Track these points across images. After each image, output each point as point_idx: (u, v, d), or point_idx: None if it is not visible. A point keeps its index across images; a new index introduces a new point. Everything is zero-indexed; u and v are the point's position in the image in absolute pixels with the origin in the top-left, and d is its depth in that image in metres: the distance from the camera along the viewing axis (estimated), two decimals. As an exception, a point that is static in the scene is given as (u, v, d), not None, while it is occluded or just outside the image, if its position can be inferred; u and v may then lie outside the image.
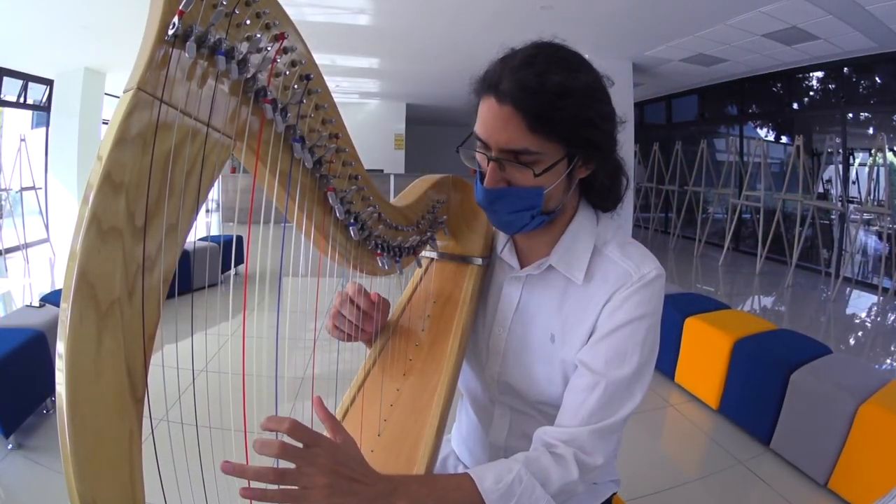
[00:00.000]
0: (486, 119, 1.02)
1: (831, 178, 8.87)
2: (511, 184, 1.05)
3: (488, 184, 1.05)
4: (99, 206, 0.59)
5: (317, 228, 0.98)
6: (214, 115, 0.72)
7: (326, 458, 0.79)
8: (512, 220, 1.10)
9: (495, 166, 1.03)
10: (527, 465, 1.00)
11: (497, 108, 0.99)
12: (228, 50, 0.72)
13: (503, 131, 1.00)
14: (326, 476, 0.78)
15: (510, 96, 0.97)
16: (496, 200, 1.07)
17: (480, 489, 0.95)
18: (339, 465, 0.80)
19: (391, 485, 0.87)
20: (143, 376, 0.63)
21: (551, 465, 1.03)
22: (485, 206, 1.10)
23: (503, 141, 1.00)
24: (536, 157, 1.01)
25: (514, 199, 1.06)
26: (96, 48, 8.49)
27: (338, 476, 0.79)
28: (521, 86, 0.97)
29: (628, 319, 1.08)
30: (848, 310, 7.28)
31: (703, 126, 11.94)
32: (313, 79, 0.88)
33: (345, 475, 0.80)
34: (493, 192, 1.05)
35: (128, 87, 0.62)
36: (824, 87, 9.11)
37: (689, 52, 8.45)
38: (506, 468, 0.99)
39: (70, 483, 0.57)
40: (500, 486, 0.96)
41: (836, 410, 2.94)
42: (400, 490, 0.88)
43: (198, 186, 0.69)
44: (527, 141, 0.99)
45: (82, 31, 7.56)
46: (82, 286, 0.58)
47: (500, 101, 0.99)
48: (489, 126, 1.02)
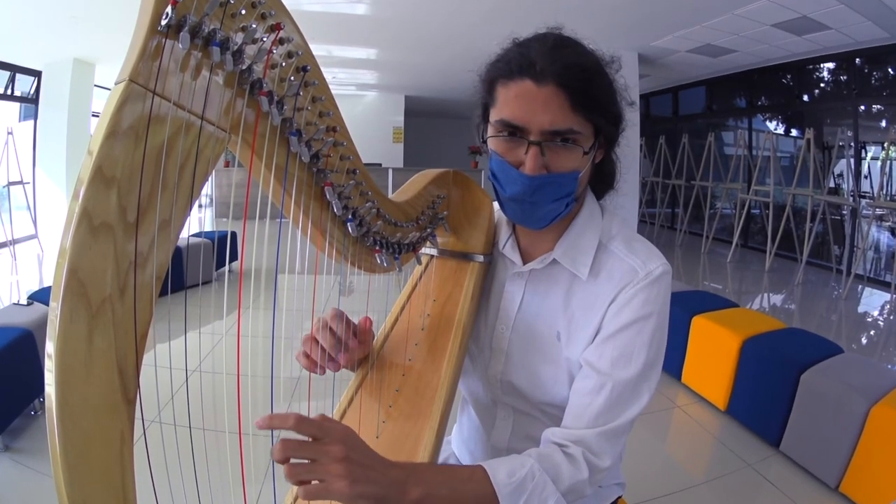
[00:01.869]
0: (523, 102, 1.01)
1: (843, 173, 8.87)
2: (550, 170, 1.04)
3: (531, 171, 1.03)
4: (90, 201, 0.59)
5: (313, 224, 0.97)
6: (208, 107, 0.72)
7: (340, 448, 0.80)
8: (550, 210, 1.09)
9: (537, 151, 1.02)
10: (539, 461, 1.01)
11: (535, 89, 0.99)
12: (223, 41, 0.71)
13: (546, 112, 0.99)
14: (342, 465, 0.79)
15: (552, 75, 0.98)
16: (538, 189, 1.05)
17: (493, 482, 0.96)
18: (351, 451, 0.81)
19: (404, 472, 0.88)
20: (134, 376, 0.63)
21: (563, 462, 1.03)
22: (523, 199, 1.07)
23: (547, 122, 1.00)
24: (579, 136, 1.02)
25: (556, 185, 1.05)
26: (86, 38, 8.48)
27: (352, 463, 0.80)
28: (565, 64, 0.98)
29: (634, 318, 1.08)
30: (860, 308, 7.28)
31: (711, 119, 11.95)
32: (310, 70, 0.87)
33: (358, 462, 0.81)
34: (535, 181, 1.04)
35: (119, 79, 0.62)
36: (836, 79, 9.09)
37: (697, 42, 8.44)
38: (519, 463, 1.00)
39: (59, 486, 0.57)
40: (512, 481, 0.97)
41: (847, 411, 2.93)
42: (414, 478, 0.89)
43: (191, 181, 0.69)
44: (571, 120, 1.00)
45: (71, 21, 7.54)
46: (72, 284, 0.58)
47: (538, 82, 0.99)
48: (527, 108, 1.01)
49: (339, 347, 1.15)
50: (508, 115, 1.03)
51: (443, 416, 1.11)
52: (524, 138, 1.03)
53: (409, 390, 1.18)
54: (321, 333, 1.15)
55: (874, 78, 8.37)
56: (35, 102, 9.92)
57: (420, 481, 0.89)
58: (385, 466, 0.86)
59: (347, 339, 1.17)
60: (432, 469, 0.98)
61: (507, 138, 1.05)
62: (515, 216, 1.15)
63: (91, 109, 10.33)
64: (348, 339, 1.17)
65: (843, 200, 8.50)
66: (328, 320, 1.16)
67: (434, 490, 0.90)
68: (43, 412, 3.41)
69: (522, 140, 1.03)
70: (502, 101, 1.05)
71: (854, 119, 8.61)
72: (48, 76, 9.82)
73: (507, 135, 1.05)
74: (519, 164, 1.05)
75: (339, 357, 1.15)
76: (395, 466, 0.88)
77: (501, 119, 1.05)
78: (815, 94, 9.54)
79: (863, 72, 8.42)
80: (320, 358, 1.14)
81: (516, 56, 1.03)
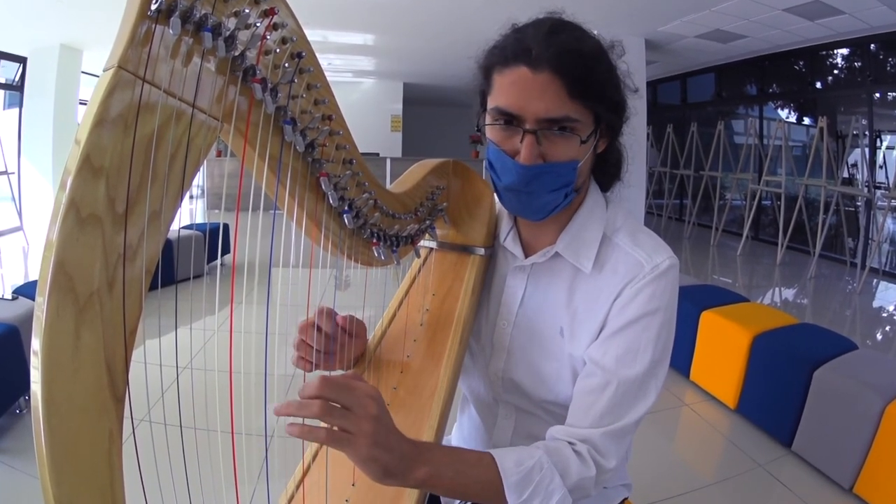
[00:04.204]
0: (518, 89, 1.01)
1: (857, 163, 8.84)
2: (547, 159, 1.04)
3: (527, 160, 1.03)
4: (77, 191, 0.58)
5: (308, 216, 0.97)
6: (200, 95, 0.71)
7: (375, 406, 0.82)
8: (548, 201, 1.09)
9: (532, 140, 1.02)
10: (548, 454, 1.02)
11: (531, 76, 0.99)
12: (215, 26, 0.71)
13: (541, 100, 0.99)
14: (372, 423, 0.81)
15: (548, 61, 0.97)
16: (534, 179, 1.05)
17: (500, 468, 0.97)
18: (382, 412, 0.83)
19: (416, 449, 0.90)
20: (123, 373, 0.62)
21: (572, 457, 1.04)
22: (520, 188, 1.07)
23: (542, 110, 1.00)
24: (577, 124, 1.02)
25: (552, 175, 1.05)
26: (73, 23, 8.45)
27: (381, 424, 0.83)
28: (561, 49, 0.98)
29: (640, 314, 1.08)
30: (875, 303, 7.29)
31: (721, 107, 11.92)
32: (305, 57, 0.87)
33: (386, 425, 0.84)
34: (531, 170, 1.04)
35: (108, 66, 0.62)
36: (850, 65, 9.07)
37: (706, 27, 8.41)
38: (527, 454, 1.01)
39: (46, 487, 0.57)
40: (520, 470, 0.98)
41: (862, 410, 2.93)
42: (424, 455, 0.91)
43: (182, 171, 0.69)
44: (567, 108, 1.00)
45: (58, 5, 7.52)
46: (59, 277, 0.57)
47: (534, 68, 0.98)
48: (522, 96, 1.01)
49: (331, 343, 1.17)
50: (504, 102, 1.03)
51: (442, 415, 1.11)
52: (520, 127, 1.03)
53: (407, 388, 1.18)
54: (307, 333, 1.16)
55: (889, 64, 8.34)
56: (20, 90, 9.89)
57: (428, 460, 0.91)
58: (400, 439, 0.88)
59: (336, 334, 1.18)
60: (441, 450, 0.99)
61: (503, 127, 1.06)
62: (512, 207, 1.15)
63: (78, 97, 10.30)
64: (337, 335, 1.18)
65: (857, 191, 8.48)
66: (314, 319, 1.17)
67: (440, 471, 0.92)
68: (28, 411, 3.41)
69: (518, 129, 1.03)
70: (498, 88, 1.05)
71: (869, 107, 8.59)
72: (34, 62, 9.78)
73: (504, 123, 1.05)
74: (515, 154, 1.05)
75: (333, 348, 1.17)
76: (408, 442, 0.89)
77: (497, 107, 1.05)
78: (828, 82, 9.51)
79: (878, 58, 8.38)
80: (315, 357, 1.15)
81: (512, 42, 1.03)
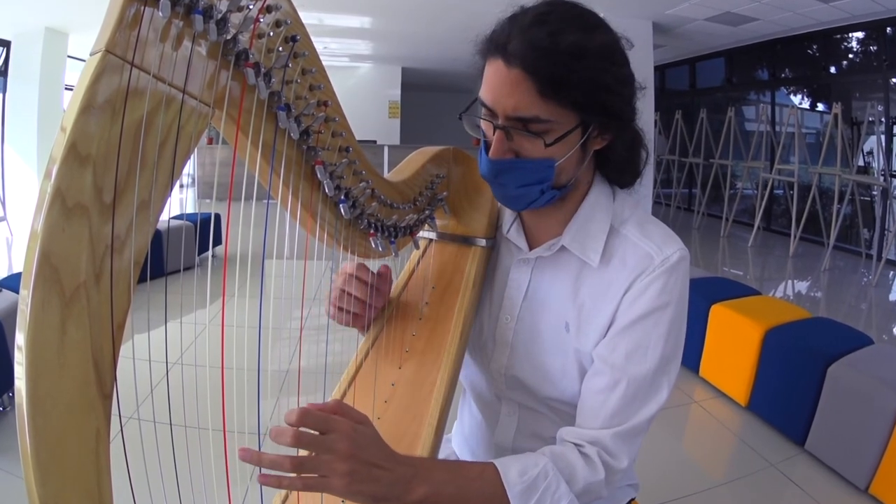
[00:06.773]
0: (493, 83, 1.01)
1: (873, 150, 8.82)
2: (519, 155, 1.04)
3: (494, 154, 1.04)
4: (63, 180, 0.58)
5: (303, 206, 0.97)
6: (191, 80, 0.71)
7: (345, 443, 0.82)
8: (520, 195, 1.09)
9: (502, 136, 1.03)
10: (553, 460, 1.02)
11: (505, 71, 0.98)
12: (206, 8, 0.71)
13: (511, 97, 0.98)
14: (346, 462, 0.81)
15: (519, 58, 0.96)
16: (502, 173, 1.06)
17: (504, 480, 0.97)
18: (358, 449, 0.83)
19: (412, 469, 0.90)
20: (111, 369, 0.63)
21: (578, 461, 1.04)
22: (490, 179, 1.10)
23: (511, 107, 0.99)
24: (547, 125, 1.00)
25: (522, 171, 1.05)
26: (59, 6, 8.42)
27: (357, 461, 0.82)
28: (532, 46, 0.95)
29: (650, 309, 1.08)
30: (891, 296, 7.30)
31: (731, 92, 11.90)
32: (300, 40, 0.87)
33: (364, 460, 0.83)
34: (499, 164, 1.05)
35: (95, 50, 0.62)
36: (865, 49, 9.05)
37: (715, 9, 8.39)
38: (532, 461, 1.01)
39: (31, 487, 0.57)
40: (524, 479, 0.98)
41: (878, 407, 2.93)
42: (421, 475, 0.90)
43: (172, 159, 0.69)
44: (537, 108, 0.98)
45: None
46: (45, 269, 0.57)
47: (508, 63, 0.97)
48: (496, 91, 1.00)
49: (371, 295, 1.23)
50: (484, 94, 1.04)
51: (442, 413, 1.11)
52: (493, 121, 1.04)
53: (405, 384, 1.18)
54: (351, 284, 1.22)
55: (907, 49, 8.32)
56: (3, 75, 9.87)
57: (426, 479, 0.91)
58: (393, 463, 0.88)
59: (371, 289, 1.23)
60: (441, 465, 1.00)
61: (484, 117, 1.06)
62: (496, 195, 1.16)
63: (64, 82, 10.28)
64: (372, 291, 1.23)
65: (873, 180, 8.47)
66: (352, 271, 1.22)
67: (440, 489, 0.92)
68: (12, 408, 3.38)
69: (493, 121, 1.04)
70: (484, 78, 1.05)
71: (885, 93, 8.55)
72: (18, 46, 9.75)
73: (485, 114, 1.06)
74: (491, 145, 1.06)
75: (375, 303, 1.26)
76: (404, 463, 0.89)
77: (480, 97, 1.05)
78: (842, 66, 9.49)
79: (894, 42, 8.35)
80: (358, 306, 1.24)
81: (498, 31, 1.02)
